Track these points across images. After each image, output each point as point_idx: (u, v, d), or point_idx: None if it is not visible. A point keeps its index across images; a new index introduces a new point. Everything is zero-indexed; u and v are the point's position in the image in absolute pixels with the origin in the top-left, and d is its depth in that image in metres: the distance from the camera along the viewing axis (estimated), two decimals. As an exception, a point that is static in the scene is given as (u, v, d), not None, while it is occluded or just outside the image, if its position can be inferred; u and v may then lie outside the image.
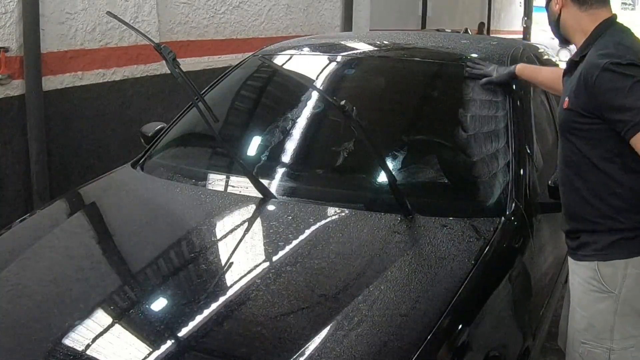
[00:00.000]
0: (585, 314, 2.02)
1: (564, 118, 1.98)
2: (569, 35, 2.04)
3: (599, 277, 1.96)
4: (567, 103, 1.94)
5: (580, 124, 1.91)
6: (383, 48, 3.12)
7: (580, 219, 2.00)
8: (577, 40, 2.01)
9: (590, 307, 2.00)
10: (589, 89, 1.85)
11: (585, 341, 2.03)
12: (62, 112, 4.02)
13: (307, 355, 1.53)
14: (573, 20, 2.00)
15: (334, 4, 6.77)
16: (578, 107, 1.90)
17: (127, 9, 4.36)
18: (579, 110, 1.89)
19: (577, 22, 1.99)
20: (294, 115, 2.66)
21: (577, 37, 2.00)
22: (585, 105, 1.88)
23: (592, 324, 2.01)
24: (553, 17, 2.06)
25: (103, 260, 2.06)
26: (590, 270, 1.99)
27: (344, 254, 1.97)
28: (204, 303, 1.73)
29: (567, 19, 2.01)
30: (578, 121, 1.91)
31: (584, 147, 1.93)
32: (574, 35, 2.01)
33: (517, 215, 2.19)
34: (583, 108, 1.88)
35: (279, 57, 3.04)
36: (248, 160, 2.48)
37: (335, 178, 2.43)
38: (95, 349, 1.60)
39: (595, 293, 1.98)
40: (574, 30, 2.01)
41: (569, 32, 2.03)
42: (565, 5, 1.99)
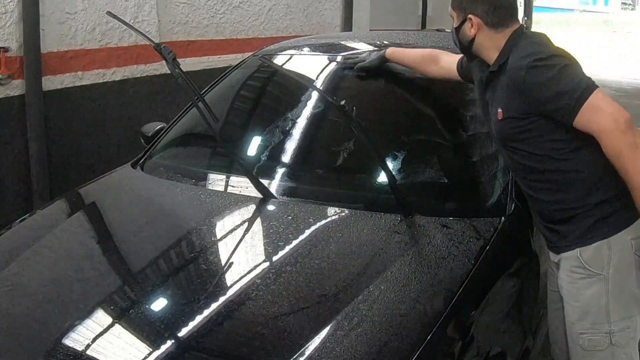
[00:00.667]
0: (577, 304, 2.02)
1: (501, 129, 2.00)
2: (482, 53, 2.05)
3: (583, 263, 1.97)
4: (502, 114, 1.96)
5: (520, 128, 1.94)
6: (383, 48, 3.11)
7: (551, 215, 2.02)
8: (491, 56, 2.02)
9: (581, 294, 2.01)
10: (520, 90, 1.89)
11: (583, 331, 2.02)
12: (62, 112, 4.01)
13: (307, 355, 1.53)
14: (488, 42, 2.01)
15: (334, 4, 6.77)
16: (514, 112, 1.93)
17: (127, 9, 4.36)
18: (516, 115, 1.93)
19: (492, 42, 2.01)
20: (294, 115, 2.66)
21: (490, 53, 2.02)
22: (520, 108, 1.92)
23: (586, 312, 2.01)
24: (465, 40, 2.05)
25: (103, 260, 2.06)
26: (573, 259, 2.00)
27: (344, 254, 1.97)
28: (204, 303, 1.73)
29: (482, 41, 2.02)
30: (517, 126, 1.94)
31: (530, 149, 1.96)
32: (488, 52, 2.03)
33: (517, 215, 2.19)
34: (519, 112, 1.92)
35: (279, 57, 3.04)
36: (248, 160, 2.48)
37: (335, 178, 2.43)
38: (95, 349, 1.60)
39: (583, 280, 1.99)
40: (488, 49, 2.02)
41: (483, 51, 2.04)
42: (480, 30, 2.01)
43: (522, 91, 1.89)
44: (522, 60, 1.90)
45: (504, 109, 1.96)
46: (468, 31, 2.03)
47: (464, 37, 2.06)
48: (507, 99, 1.94)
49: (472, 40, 2.04)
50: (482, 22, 2.00)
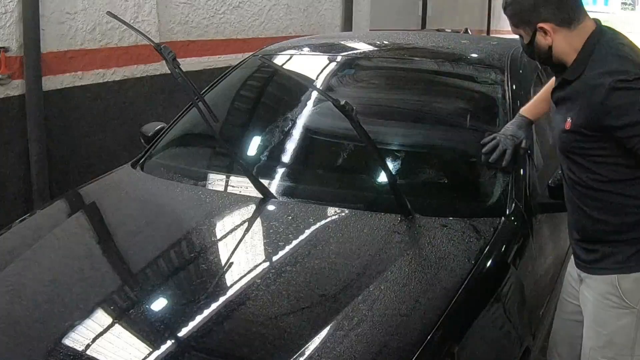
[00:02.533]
0: (604, 331, 1.96)
1: (566, 140, 1.89)
2: (563, 59, 1.90)
3: (620, 293, 1.90)
4: (570, 124, 1.85)
5: (586, 144, 1.84)
6: (383, 48, 3.12)
7: (594, 235, 1.94)
8: (569, 60, 1.89)
9: (610, 324, 1.94)
10: (596, 109, 1.78)
11: (604, 358, 1.97)
12: (62, 112, 4.01)
13: (307, 355, 1.53)
14: (565, 44, 1.87)
15: (334, 4, 6.77)
16: (582, 127, 1.82)
17: (127, 9, 4.35)
18: (584, 131, 1.82)
19: (569, 44, 1.87)
20: (294, 115, 2.66)
21: (569, 57, 1.89)
22: (591, 125, 1.81)
23: (612, 342, 1.94)
24: (543, 51, 1.90)
25: (103, 260, 2.06)
26: (608, 285, 1.92)
27: (344, 254, 1.97)
28: (204, 303, 1.73)
29: (560, 46, 1.88)
30: (583, 141, 1.84)
31: (593, 166, 1.86)
32: (567, 57, 1.89)
33: (517, 215, 2.19)
34: (588, 128, 1.81)
35: (279, 57, 3.04)
36: (248, 160, 2.48)
37: (335, 178, 2.43)
38: (95, 349, 1.60)
39: (615, 309, 1.92)
40: (567, 53, 1.88)
41: (563, 57, 1.90)
42: (555, 34, 1.86)
43: (597, 111, 1.78)
44: (603, 77, 1.77)
45: (573, 120, 1.84)
46: (543, 41, 1.88)
47: (541, 50, 1.90)
48: (579, 113, 1.83)
49: (551, 49, 1.89)
50: (553, 25, 1.85)
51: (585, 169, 1.88)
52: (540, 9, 1.85)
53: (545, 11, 1.85)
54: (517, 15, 1.90)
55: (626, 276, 1.90)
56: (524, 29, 1.91)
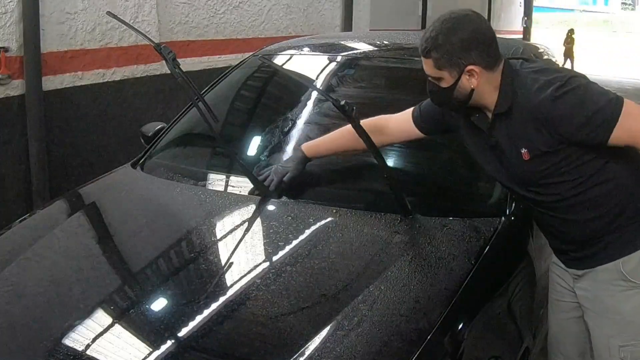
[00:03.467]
0: (618, 317, 1.95)
1: (529, 169, 1.86)
2: (482, 100, 1.86)
3: (625, 275, 1.90)
4: (528, 154, 1.83)
5: (552, 161, 1.83)
6: (383, 48, 3.12)
7: (594, 233, 1.93)
8: (488, 101, 1.85)
9: (623, 307, 1.94)
10: (548, 125, 1.77)
11: (625, 343, 1.96)
12: (62, 112, 4.02)
13: (307, 355, 1.53)
14: (487, 85, 1.83)
15: (334, 4, 6.77)
16: (543, 148, 1.81)
17: (127, 9, 4.36)
18: (546, 150, 1.81)
19: (490, 84, 1.83)
20: (293, 116, 2.66)
21: (490, 97, 1.85)
22: (549, 142, 1.80)
23: (628, 323, 1.94)
24: (464, 94, 1.84)
25: (103, 261, 2.06)
26: (612, 272, 1.92)
27: (344, 254, 1.97)
28: (204, 303, 1.73)
29: (481, 88, 1.83)
30: (548, 161, 1.83)
31: (563, 178, 1.85)
32: (487, 96, 1.85)
33: (517, 215, 2.19)
34: (549, 146, 1.80)
35: (279, 57, 3.04)
36: (248, 160, 2.48)
37: (335, 178, 2.43)
38: (95, 349, 1.60)
39: (625, 292, 1.92)
40: (487, 93, 1.84)
41: (483, 97, 1.85)
42: (481, 76, 1.81)
43: (550, 125, 1.76)
44: (539, 93, 1.77)
45: (529, 148, 1.82)
46: (467, 84, 1.82)
47: (461, 92, 1.84)
48: (531, 137, 1.81)
49: (471, 92, 1.83)
50: (482, 68, 1.81)
51: (563, 182, 1.87)
52: (472, 52, 1.79)
53: (476, 54, 1.79)
54: (446, 57, 1.80)
55: (628, 257, 1.90)
56: (449, 72, 1.82)
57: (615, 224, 1.90)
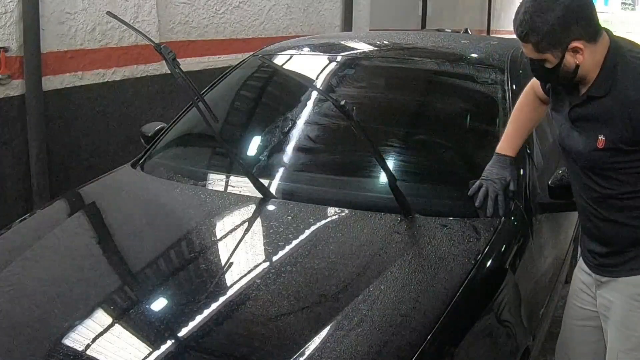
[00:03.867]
0: (634, 333, 1.91)
1: (598, 158, 1.80)
2: (585, 77, 1.79)
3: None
4: (604, 142, 1.76)
5: (624, 159, 1.77)
6: (383, 48, 3.12)
7: (628, 241, 1.89)
8: (590, 75, 1.78)
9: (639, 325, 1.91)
10: (636, 125, 1.71)
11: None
12: (62, 112, 4.01)
13: (307, 355, 1.53)
14: (591, 60, 1.75)
15: (334, 4, 6.77)
16: (621, 144, 1.75)
17: (127, 9, 4.35)
18: (623, 146, 1.75)
19: (593, 59, 1.75)
20: (293, 116, 2.66)
21: (592, 73, 1.77)
22: (629, 141, 1.74)
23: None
24: (570, 71, 1.77)
25: (103, 260, 2.06)
26: (637, 287, 1.89)
27: (344, 254, 1.97)
28: (204, 303, 1.73)
29: (586, 63, 1.75)
30: (620, 157, 1.77)
31: (628, 179, 1.80)
32: (590, 73, 1.77)
33: (517, 215, 2.19)
34: (629, 144, 1.75)
35: (279, 57, 3.04)
36: (248, 160, 2.48)
37: (335, 178, 2.43)
38: (95, 349, 1.60)
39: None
40: (591, 69, 1.76)
41: (586, 74, 1.78)
42: (585, 50, 1.73)
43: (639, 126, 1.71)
44: None
45: (608, 138, 1.76)
46: (572, 60, 1.74)
47: (567, 70, 1.76)
48: (615, 128, 1.75)
49: (577, 68, 1.75)
50: (584, 41, 1.72)
51: (621, 182, 1.81)
52: (572, 26, 1.71)
53: (576, 28, 1.71)
54: (546, 39, 1.72)
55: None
56: (552, 53, 1.74)
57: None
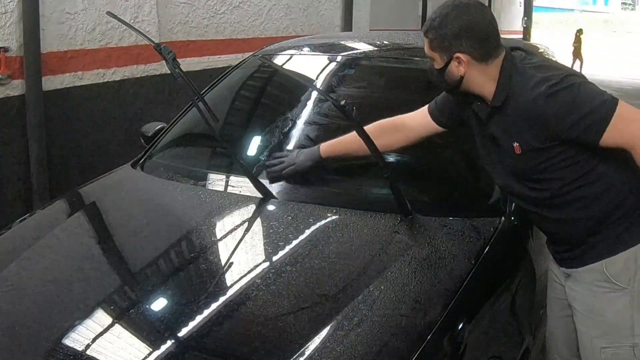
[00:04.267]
0: (601, 318, 1.95)
1: (520, 163, 1.88)
2: (473, 89, 1.91)
3: (609, 277, 1.91)
4: (519, 148, 1.85)
5: (543, 157, 1.84)
6: (383, 48, 3.12)
7: (582, 233, 1.94)
8: (485, 90, 1.89)
9: (606, 309, 1.94)
10: (540, 122, 1.79)
11: (607, 345, 1.96)
12: (62, 112, 4.02)
13: (307, 355, 1.53)
14: (480, 76, 1.87)
15: (334, 4, 6.77)
16: (535, 143, 1.83)
17: (127, 9, 4.36)
18: (537, 145, 1.83)
19: (484, 75, 1.87)
20: (293, 116, 2.66)
21: (485, 87, 1.88)
22: (541, 138, 1.82)
23: (611, 326, 1.94)
24: (453, 80, 1.90)
25: (103, 260, 2.06)
26: (596, 273, 1.93)
27: (344, 254, 1.97)
28: (204, 303, 1.73)
29: (472, 77, 1.88)
30: (539, 156, 1.85)
31: (554, 175, 1.86)
32: (481, 87, 1.89)
33: (517, 215, 2.19)
34: (540, 142, 1.82)
35: (279, 57, 3.04)
36: (248, 160, 2.48)
37: (335, 178, 2.43)
38: (95, 349, 1.60)
39: (608, 294, 1.93)
40: (480, 84, 1.89)
41: (474, 87, 1.90)
42: (470, 66, 1.86)
43: (542, 122, 1.79)
44: (534, 89, 1.79)
45: (521, 142, 1.85)
46: (455, 70, 1.88)
47: (451, 77, 1.90)
48: (524, 132, 1.84)
49: (461, 79, 1.89)
50: (470, 58, 1.85)
51: (553, 179, 1.88)
52: (463, 40, 1.84)
53: (466, 43, 1.84)
54: (438, 39, 1.87)
55: (612, 259, 1.90)
56: (440, 55, 1.89)
57: (602, 226, 1.90)
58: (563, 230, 1.97)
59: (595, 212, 1.90)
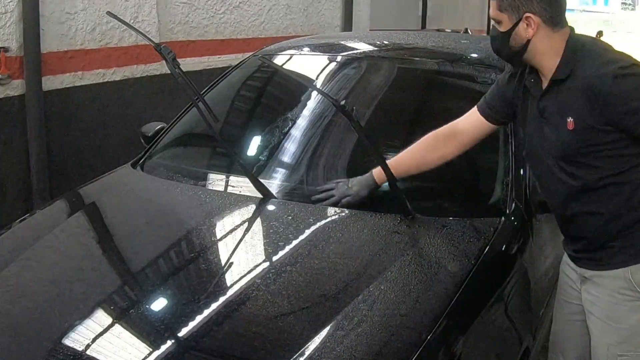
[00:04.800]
0: (620, 326, 1.92)
1: (569, 140, 1.83)
2: (535, 59, 1.88)
3: (633, 284, 1.87)
4: (573, 124, 1.80)
5: (594, 139, 1.80)
6: (383, 48, 3.12)
7: (609, 233, 1.89)
8: (546, 62, 1.87)
9: (627, 318, 1.91)
10: (603, 101, 1.75)
11: (624, 353, 1.93)
12: (62, 112, 4.01)
13: (307, 355, 1.53)
14: (545, 44, 1.85)
15: (334, 4, 6.77)
16: (592, 122, 1.78)
17: (127, 9, 4.35)
18: (594, 125, 1.78)
19: (549, 45, 1.85)
20: (293, 116, 2.66)
21: (546, 59, 1.86)
22: (600, 119, 1.77)
23: (631, 335, 1.91)
24: (519, 42, 1.86)
25: (103, 260, 2.06)
26: (621, 280, 1.89)
27: (344, 254, 1.97)
28: (204, 303, 1.73)
29: (538, 43, 1.85)
30: (591, 137, 1.80)
31: (599, 162, 1.82)
32: (543, 58, 1.87)
33: (517, 215, 2.19)
34: (596, 122, 1.78)
35: (279, 57, 3.04)
36: (248, 160, 2.48)
37: (335, 178, 2.42)
38: (95, 349, 1.60)
39: (631, 302, 1.89)
40: (544, 54, 1.86)
41: (537, 56, 1.87)
42: (538, 29, 1.83)
43: (604, 101, 1.75)
44: (602, 68, 1.76)
45: (576, 118, 1.80)
46: (524, 32, 1.84)
47: (517, 40, 1.86)
48: (582, 108, 1.79)
49: (527, 44, 1.85)
50: (540, 20, 1.82)
51: (596, 168, 1.83)
52: (534, 1, 1.82)
53: (538, 4, 1.82)
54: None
55: (638, 267, 1.86)
56: (509, 15, 1.86)
57: (632, 229, 1.86)
58: (591, 225, 1.91)
59: (627, 212, 1.85)
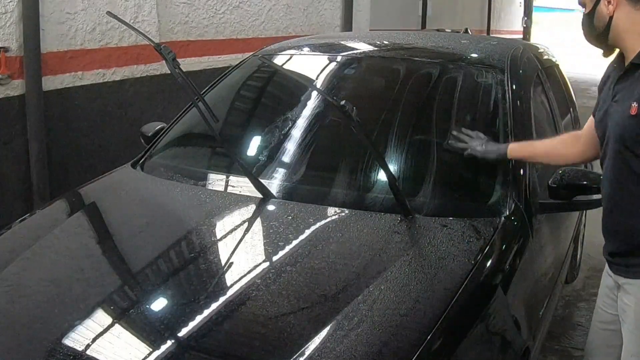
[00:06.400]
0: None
1: (630, 126, 1.79)
2: (619, 39, 1.84)
3: None
4: (636, 109, 1.75)
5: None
6: (383, 48, 3.12)
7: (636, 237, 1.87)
8: (629, 44, 1.82)
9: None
10: None
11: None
12: (62, 112, 4.01)
13: (307, 355, 1.53)
14: (627, 22, 1.80)
15: (334, 4, 6.77)
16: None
17: (127, 9, 4.36)
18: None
19: (632, 23, 1.80)
20: (293, 116, 2.66)
21: (629, 40, 1.81)
22: None
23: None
24: (602, 21, 1.83)
25: (103, 260, 2.06)
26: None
27: (344, 254, 1.97)
28: (204, 303, 1.73)
29: (620, 21, 1.80)
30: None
31: None
32: (626, 38, 1.81)
33: (517, 215, 2.19)
34: None
35: (279, 57, 3.04)
36: (248, 160, 2.48)
37: (335, 178, 2.43)
38: (95, 349, 1.60)
39: None
40: (627, 33, 1.81)
41: (620, 36, 1.83)
42: (619, 5, 1.79)
43: None
44: None
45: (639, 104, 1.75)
46: (605, 9, 1.81)
47: (600, 20, 1.83)
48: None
49: (610, 21, 1.81)
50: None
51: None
52: None
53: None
54: None
55: None
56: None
57: None
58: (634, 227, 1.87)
59: None
